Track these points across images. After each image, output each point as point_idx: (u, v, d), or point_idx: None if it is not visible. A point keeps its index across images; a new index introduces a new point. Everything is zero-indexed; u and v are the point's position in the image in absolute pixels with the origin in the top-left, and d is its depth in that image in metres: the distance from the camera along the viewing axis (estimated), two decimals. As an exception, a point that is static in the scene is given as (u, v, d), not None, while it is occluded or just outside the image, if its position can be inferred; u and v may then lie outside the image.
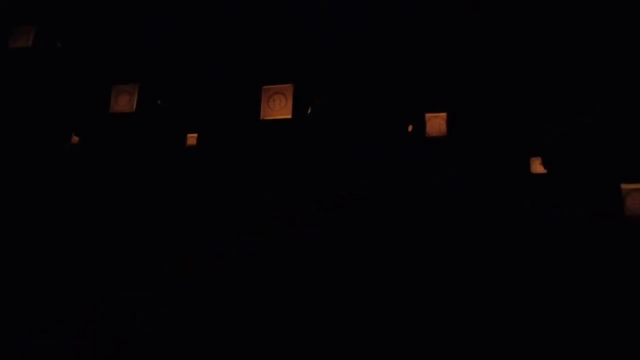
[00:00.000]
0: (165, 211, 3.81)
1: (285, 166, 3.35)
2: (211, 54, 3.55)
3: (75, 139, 3.86)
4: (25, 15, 3.65)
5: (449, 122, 3.31)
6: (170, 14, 3.44)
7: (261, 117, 3.54)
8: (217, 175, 3.78)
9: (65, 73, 3.68)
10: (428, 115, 3.29)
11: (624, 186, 3.09)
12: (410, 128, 3.28)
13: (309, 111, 3.36)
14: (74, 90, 3.69)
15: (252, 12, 3.57)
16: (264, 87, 3.51)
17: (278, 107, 3.53)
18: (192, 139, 3.69)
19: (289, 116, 3.49)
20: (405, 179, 2.99)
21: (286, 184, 3.33)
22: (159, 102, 3.38)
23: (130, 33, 3.49)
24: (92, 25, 3.58)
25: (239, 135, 3.64)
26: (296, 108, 3.51)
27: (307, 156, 3.18)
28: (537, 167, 3.69)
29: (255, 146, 3.60)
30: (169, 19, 3.43)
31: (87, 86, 3.66)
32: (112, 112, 3.54)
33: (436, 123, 3.33)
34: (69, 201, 4.21)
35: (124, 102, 3.53)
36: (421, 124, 3.28)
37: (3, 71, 3.74)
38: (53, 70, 3.63)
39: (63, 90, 3.74)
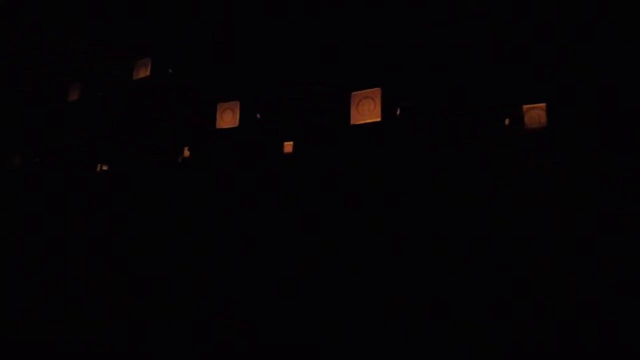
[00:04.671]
0: (267, 215, 4.16)
1: (378, 167, 3.47)
2: (300, 67, 3.79)
3: (187, 152, 4.40)
4: (144, 50, 4.27)
5: (549, 112, 3.16)
6: (261, 37, 3.75)
7: (351, 122, 3.70)
8: (312, 179, 4.04)
9: (177, 95, 4.20)
10: (526, 107, 3.17)
11: None
12: (507, 122, 3.18)
13: (398, 112, 3.43)
14: (185, 110, 4.19)
15: (336, 25, 3.74)
16: (353, 92, 3.66)
17: (367, 111, 3.66)
18: (288, 146, 3.98)
19: (379, 119, 3.60)
20: (505, 177, 2.93)
21: (380, 185, 3.45)
22: (258, 115, 3.71)
23: (230, 56, 3.87)
24: (195, 51, 4.05)
25: (330, 140, 3.84)
26: (385, 110, 3.61)
27: (401, 157, 3.27)
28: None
29: (347, 149, 3.77)
30: (260, 41, 3.74)
31: (196, 106, 4.14)
32: (218, 127, 3.98)
33: (535, 114, 3.19)
34: (182, 208, 4.79)
35: (228, 118, 3.94)
36: (518, 117, 3.17)
37: (130, 99, 4.39)
38: (167, 94, 4.18)
39: (176, 111, 4.27)
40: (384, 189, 3.53)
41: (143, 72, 4.30)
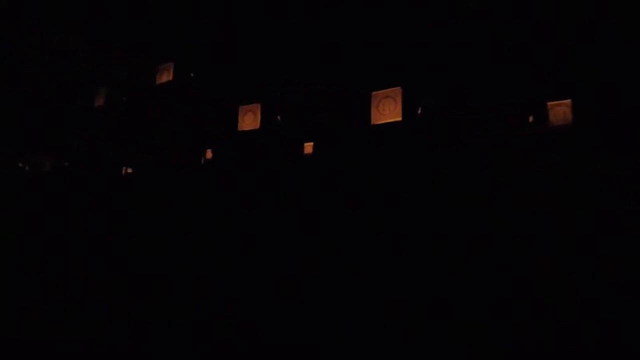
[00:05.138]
0: (288, 215, 4.21)
1: (400, 166, 3.48)
2: (320, 69, 3.83)
3: (209, 154, 4.49)
4: (167, 55, 4.37)
5: (575, 109, 3.10)
6: (282, 40, 3.79)
7: (372, 122, 3.70)
8: (332, 179, 4.06)
9: (199, 99, 4.29)
10: (550, 104, 3.12)
11: None
12: (530, 119, 3.15)
13: (420, 111, 3.43)
14: (207, 112, 4.28)
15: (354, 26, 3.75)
16: (373, 92, 3.66)
17: (388, 110, 3.66)
18: (308, 147, 4.02)
19: (399, 119, 3.59)
20: (527, 175, 2.89)
21: (403, 185, 3.45)
22: (278, 117, 3.76)
23: (249, 59, 3.93)
24: (217, 55, 4.13)
25: (351, 141, 3.86)
26: (406, 109, 3.60)
27: (424, 156, 3.26)
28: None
29: (368, 149, 3.78)
30: (281, 44, 3.78)
31: (217, 109, 4.22)
32: (240, 130, 4.05)
33: (560, 111, 3.14)
34: (205, 207, 4.89)
35: (250, 120, 4.01)
36: (543, 114, 3.13)
37: (153, 103, 4.50)
38: (189, 98, 4.28)
39: (198, 114, 4.36)
40: (408, 188, 3.54)
41: (166, 77, 4.42)
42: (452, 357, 2.36)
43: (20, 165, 5.09)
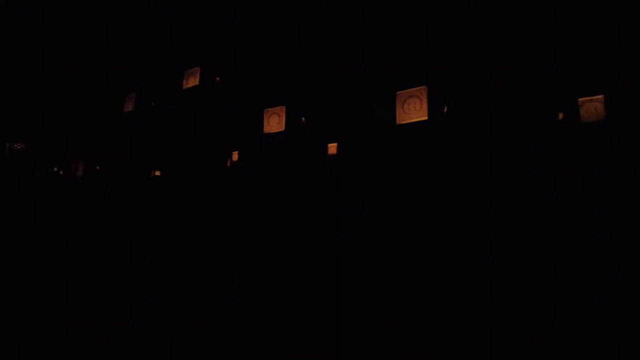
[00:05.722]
0: (314, 215, 4.25)
1: (426, 169, 3.47)
2: (344, 69, 3.85)
3: (235, 156, 4.59)
4: (192, 59, 4.50)
5: (607, 105, 3.02)
6: (305, 41, 3.83)
7: (397, 122, 3.71)
8: (356, 180, 4.08)
9: (225, 102, 4.38)
10: (581, 100, 3.06)
11: None
12: (560, 116, 3.09)
13: (446, 110, 3.42)
14: (233, 116, 4.37)
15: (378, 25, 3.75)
16: (398, 92, 3.66)
17: (413, 110, 3.65)
18: (332, 148, 4.06)
19: (425, 118, 3.58)
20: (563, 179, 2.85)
21: (430, 188, 3.45)
22: (303, 119, 3.81)
23: (275, 62, 3.99)
24: (242, 59, 4.21)
25: (375, 141, 3.88)
26: (431, 108, 3.59)
27: (450, 157, 3.25)
28: None
29: (392, 149, 3.79)
30: (304, 43, 3.82)
31: (243, 112, 4.30)
32: (265, 132, 4.13)
33: (592, 107, 3.07)
34: (233, 207, 4.98)
35: (275, 123, 4.07)
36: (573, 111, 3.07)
37: (180, 108, 4.63)
38: (216, 102, 4.38)
39: (225, 117, 4.45)
40: (437, 189, 3.53)
41: (192, 81, 4.54)
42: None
43: (55, 169, 5.33)
